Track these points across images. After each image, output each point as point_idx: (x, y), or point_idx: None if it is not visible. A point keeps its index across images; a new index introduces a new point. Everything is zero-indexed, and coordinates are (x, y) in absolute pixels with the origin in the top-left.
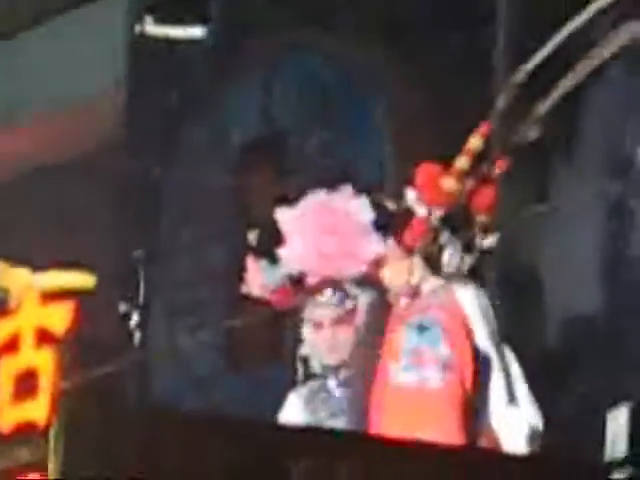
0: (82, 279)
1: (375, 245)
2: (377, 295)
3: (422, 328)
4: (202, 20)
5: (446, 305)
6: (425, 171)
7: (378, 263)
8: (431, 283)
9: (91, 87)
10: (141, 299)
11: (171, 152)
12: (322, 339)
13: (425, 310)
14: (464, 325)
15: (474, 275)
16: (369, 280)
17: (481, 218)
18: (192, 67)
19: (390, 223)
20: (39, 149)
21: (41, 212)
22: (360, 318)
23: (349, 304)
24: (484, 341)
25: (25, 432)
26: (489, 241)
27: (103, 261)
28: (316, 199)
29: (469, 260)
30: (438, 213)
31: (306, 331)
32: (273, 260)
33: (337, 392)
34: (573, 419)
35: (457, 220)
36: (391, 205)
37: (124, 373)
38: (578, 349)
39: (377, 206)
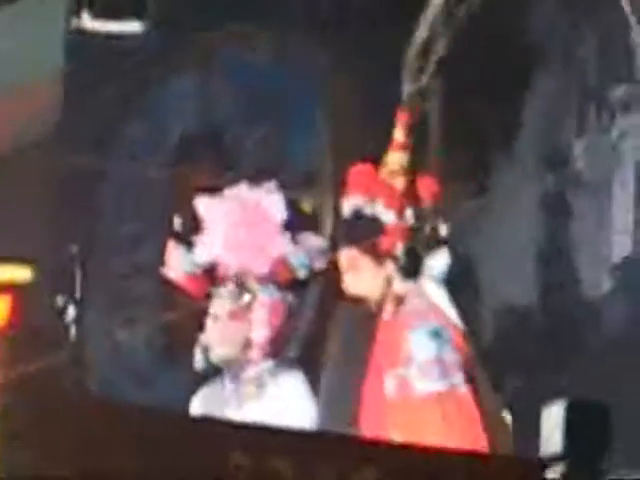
0: (18, 273)
1: (283, 245)
2: (352, 308)
3: (434, 334)
4: (139, 15)
5: (434, 307)
6: (368, 174)
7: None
8: (406, 286)
9: (29, 78)
10: (77, 293)
11: (109, 146)
12: (218, 330)
13: (425, 316)
14: (455, 325)
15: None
16: (271, 278)
17: (430, 208)
18: (130, 61)
19: (302, 225)
20: None
21: None
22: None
23: (246, 299)
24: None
25: None
26: (443, 231)
27: (40, 255)
28: (235, 192)
29: (431, 255)
30: (409, 214)
31: (207, 321)
32: (191, 247)
33: (229, 386)
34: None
35: (418, 217)
36: (307, 207)
37: (61, 367)
38: (513, 343)
39: (292, 206)
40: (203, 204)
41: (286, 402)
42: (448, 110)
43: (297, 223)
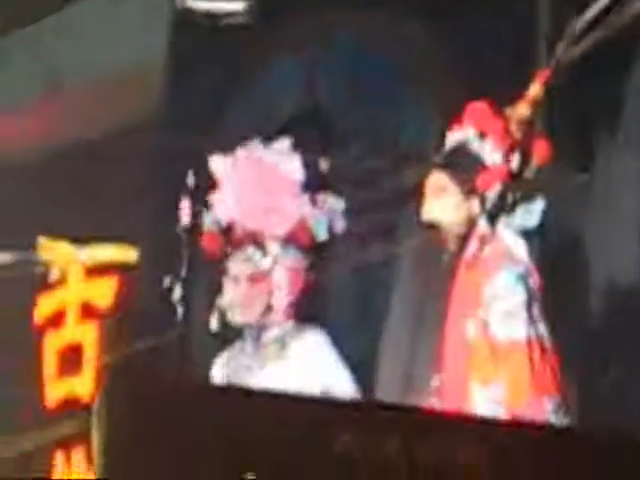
0: (124, 254)
1: (302, 207)
2: (426, 242)
3: (522, 279)
4: None
5: (517, 254)
6: (485, 113)
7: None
8: (489, 228)
9: (134, 60)
10: (184, 273)
11: (216, 127)
12: (237, 294)
13: (511, 260)
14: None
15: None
16: (291, 241)
17: (537, 170)
18: (234, 41)
19: (321, 184)
20: (81, 121)
21: (84, 187)
22: (406, 269)
23: (267, 263)
24: None
25: (70, 406)
26: (539, 195)
27: (146, 235)
28: (250, 151)
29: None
30: (516, 159)
31: (226, 283)
32: (207, 206)
33: (250, 349)
34: (613, 397)
35: (521, 166)
36: (324, 165)
37: (168, 347)
38: (619, 325)
39: (309, 167)
40: (216, 162)
41: (309, 361)
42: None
43: (316, 184)
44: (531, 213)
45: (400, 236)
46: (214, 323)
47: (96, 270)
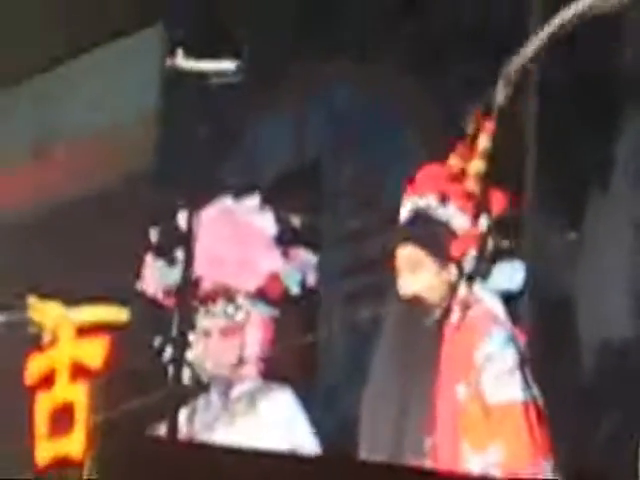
0: (115, 313)
1: (274, 260)
2: (407, 311)
3: (511, 341)
4: (234, 54)
5: (498, 315)
6: (439, 175)
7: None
8: (469, 293)
9: (123, 119)
10: (174, 333)
11: (203, 187)
12: (209, 347)
13: (497, 322)
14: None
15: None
16: (263, 295)
17: (499, 219)
18: (224, 101)
19: (292, 239)
20: (71, 180)
21: (72, 246)
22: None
23: (239, 316)
24: None
25: (61, 467)
26: (506, 244)
27: (136, 295)
28: (220, 206)
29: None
30: (483, 221)
31: (195, 337)
32: (172, 261)
33: (217, 403)
34: (606, 451)
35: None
36: (296, 221)
37: (159, 407)
38: (613, 379)
39: (281, 222)
40: (186, 218)
41: (278, 418)
42: (542, 135)
43: (288, 238)
44: (512, 274)
45: (385, 297)
46: (186, 378)
47: (87, 330)
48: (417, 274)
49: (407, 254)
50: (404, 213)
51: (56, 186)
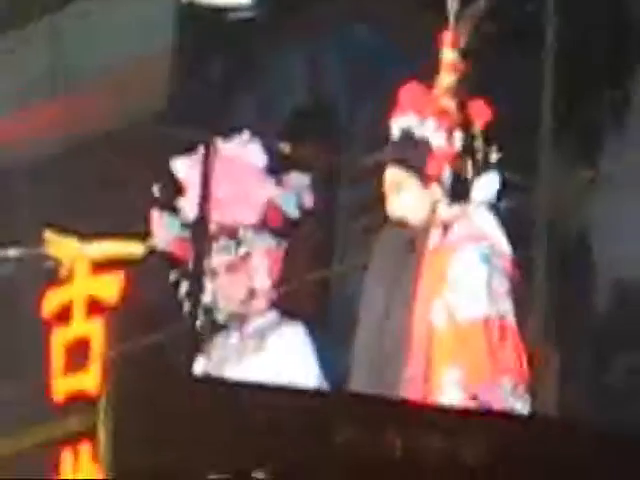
0: (131, 248)
1: (268, 189)
2: (396, 234)
3: (484, 258)
4: None
5: (483, 232)
6: (417, 93)
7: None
8: (452, 212)
9: (140, 53)
10: (190, 267)
11: (220, 120)
12: (218, 285)
13: (474, 239)
14: (505, 251)
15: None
16: (264, 225)
17: (480, 131)
18: (240, 35)
19: (282, 167)
20: (90, 117)
21: (90, 182)
22: (378, 259)
23: (243, 251)
24: None
25: (76, 401)
26: (494, 155)
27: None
28: (210, 147)
29: (477, 180)
30: (458, 137)
31: (206, 280)
32: (174, 212)
33: (232, 340)
34: (621, 388)
35: (466, 140)
36: (286, 149)
37: (174, 342)
38: (626, 318)
39: (269, 151)
40: (179, 165)
41: (286, 356)
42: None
43: (279, 167)
44: (488, 187)
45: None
46: (201, 322)
47: (102, 265)
48: (401, 195)
49: (391, 175)
50: (392, 135)
51: (72, 124)
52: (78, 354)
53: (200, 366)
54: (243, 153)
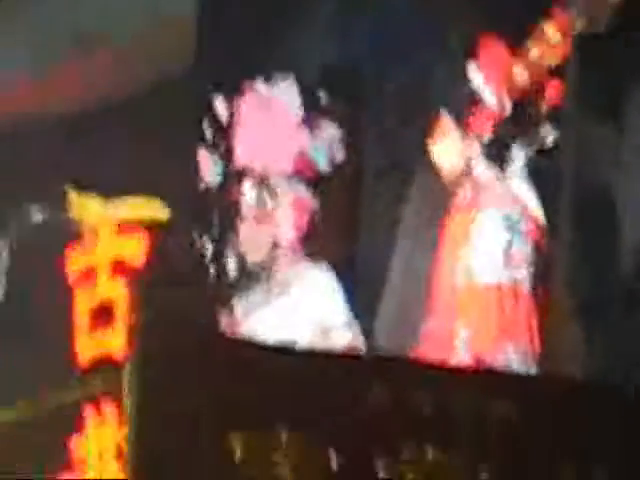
0: (156, 210)
1: (302, 139)
2: (430, 178)
3: (507, 223)
4: None
5: (513, 197)
6: (493, 54)
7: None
8: (487, 174)
9: (167, 12)
10: (216, 232)
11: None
12: (245, 234)
13: (501, 203)
14: (534, 218)
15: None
16: (295, 174)
17: (546, 112)
18: None
19: (319, 114)
20: (112, 77)
21: (115, 143)
22: (412, 200)
23: (271, 201)
24: None
25: (101, 363)
26: (551, 138)
27: (178, 193)
28: (251, 92)
29: (529, 155)
30: (508, 106)
31: (235, 228)
32: (221, 154)
33: (259, 289)
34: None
35: (524, 114)
36: (324, 97)
37: (200, 305)
38: None
39: (308, 99)
40: (220, 105)
41: (313, 296)
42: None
43: (315, 117)
44: (527, 157)
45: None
46: (232, 269)
47: (127, 227)
48: (442, 142)
49: (441, 122)
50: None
51: (96, 84)
52: (103, 316)
53: (226, 316)
54: (281, 98)
